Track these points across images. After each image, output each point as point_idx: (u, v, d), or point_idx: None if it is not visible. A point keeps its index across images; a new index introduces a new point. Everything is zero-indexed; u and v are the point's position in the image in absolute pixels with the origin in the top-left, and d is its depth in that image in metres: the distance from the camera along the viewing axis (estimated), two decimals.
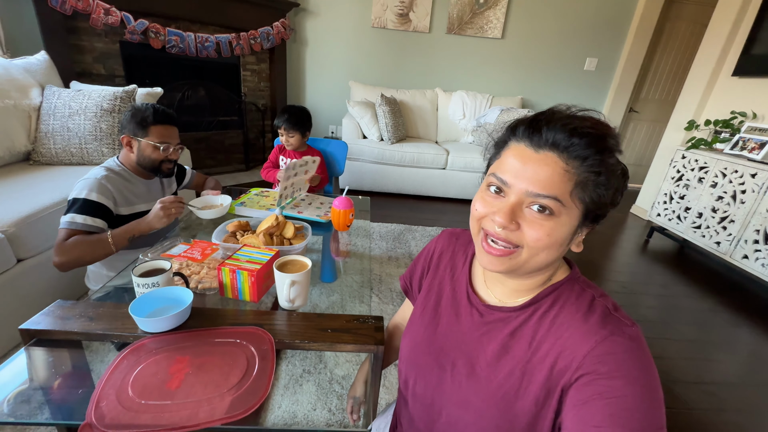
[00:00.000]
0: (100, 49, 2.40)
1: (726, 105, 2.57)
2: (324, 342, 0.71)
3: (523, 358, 0.47)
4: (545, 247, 0.43)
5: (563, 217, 0.42)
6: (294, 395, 1.12)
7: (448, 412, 0.53)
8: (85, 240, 1.01)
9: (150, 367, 0.61)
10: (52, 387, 0.65)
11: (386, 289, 1.75)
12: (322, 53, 3.52)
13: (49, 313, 0.71)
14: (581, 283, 0.49)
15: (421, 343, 0.58)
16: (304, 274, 0.79)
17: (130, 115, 1.14)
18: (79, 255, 0.99)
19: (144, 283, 0.74)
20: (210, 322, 0.72)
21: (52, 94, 1.74)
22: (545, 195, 0.41)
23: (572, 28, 3.49)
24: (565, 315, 0.46)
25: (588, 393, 0.40)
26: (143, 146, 1.15)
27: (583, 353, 0.42)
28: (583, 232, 0.47)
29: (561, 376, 0.43)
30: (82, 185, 1.07)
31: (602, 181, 0.42)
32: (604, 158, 0.41)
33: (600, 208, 0.44)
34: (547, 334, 0.46)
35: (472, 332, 0.53)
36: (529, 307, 0.49)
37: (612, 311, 0.45)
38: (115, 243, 1.03)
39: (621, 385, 0.39)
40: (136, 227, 1.06)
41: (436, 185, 3.15)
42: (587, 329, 0.43)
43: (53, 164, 1.72)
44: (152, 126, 1.14)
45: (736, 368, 1.53)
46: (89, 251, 1.01)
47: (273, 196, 1.45)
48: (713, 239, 2.25)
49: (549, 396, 0.44)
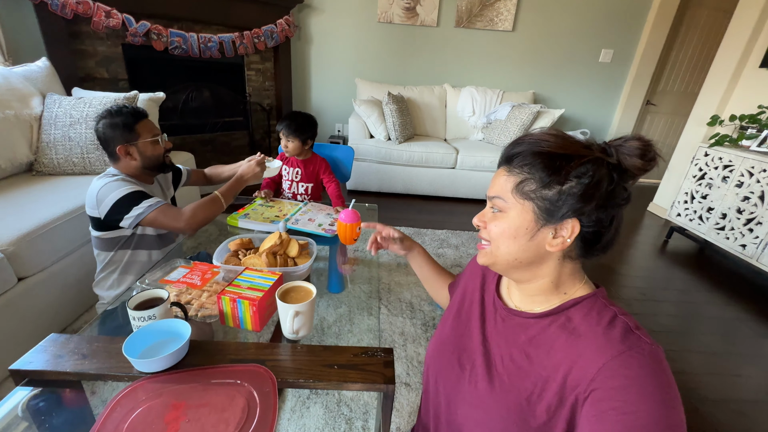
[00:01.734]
0: (103, 52, 2.37)
1: (753, 99, 2.43)
2: (330, 381, 0.66)
3: (539, 365, 0.48)
4: (498, 238, 0.51)
5: (511, 213, 0.50)
6: (301, 419, 1.09)
7: (463, 411, 0.55)
8: (200, 203, 1.13)
9: (144, 414, 0.57)
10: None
11: (395, 300, 1.70)
12: (327, 50, 3.45)
13: (41, 350, 0.68)
14: (604, 299, 0.50)
15: (447, 343, 0.62)
16: (309, 304, 0.74)
17: (110, 125, 1.09)
18: (202, 217, 1.12)
19: (140, 317, 0.70)
20: (209, 359, 0.68)
21: (53, 102, 1.71)
22: (491, 196, 0.53)
23: (587, 18, 3.35)
24: (585, 327, 0.47)
25: (602, 407, 0.41)
26: (142, 147, 1.12)
27: (598, 366, 0.42)
28: (557, 231, 0.48)
29: (575, 387, 0.44)
30: (107, 189, 1.05)
31: (539, 178, 0.47)
32: (535, 160, 0.47)
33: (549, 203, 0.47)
34: (564, 343, 0.48)
35: (494, 336, 0.57)
36: (548, 316, 0.51)
37: (633, 329, 0.45)
38: (226, 200, 1.19)
39: (635, 401, 0.39)
40: (238, 185, 1.24)
41: (446, 185, 3.07)
42: (605, 343, 0.44)
43: (56, 174, 1.70)
44: (137, 125, 1.11)
45: (766, 384, 1.45)
46: (208, 212, 1.14)
47: (278, 206, 1.40)
48: (738, 242, 2.14)
49: (561, 405, 0.45)
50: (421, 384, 1.28)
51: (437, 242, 2.33)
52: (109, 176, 1.10)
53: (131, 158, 1.12)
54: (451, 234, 2.46)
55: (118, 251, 1.16)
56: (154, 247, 1.22)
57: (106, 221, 1.08)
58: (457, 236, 2.44)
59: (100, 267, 1.18)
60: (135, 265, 1.19)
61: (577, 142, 0.49)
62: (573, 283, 0.52)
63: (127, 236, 1.15)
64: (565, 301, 0.51)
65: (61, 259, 1.37)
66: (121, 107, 1.12)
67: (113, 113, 1.10)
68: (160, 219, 1.07)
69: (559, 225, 0.48)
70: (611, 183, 0.46)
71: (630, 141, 0.46)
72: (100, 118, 1.10)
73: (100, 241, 1.15)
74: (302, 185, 1.64)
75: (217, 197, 1.16)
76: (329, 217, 1.33)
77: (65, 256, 1.39)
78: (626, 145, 0.46)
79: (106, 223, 1.09)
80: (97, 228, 1.12)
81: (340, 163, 1.86)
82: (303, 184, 1.64)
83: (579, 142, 0.49)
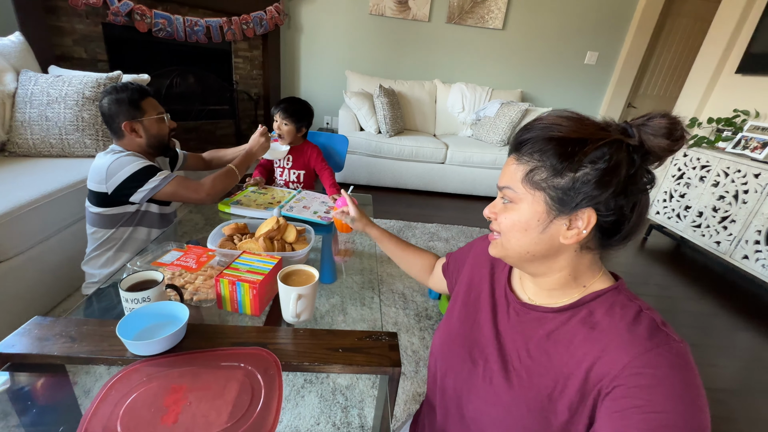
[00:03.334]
0: (81, 31, 2.25)
1: (728, 103, 2.55)
2: (335, 363, 0.65)
3: (560, 361, 0.46)
4: (510, 231, 0.49)
5: (522, 204, 0.48)
6: (296, 408, 1.06)
7: (475, 407, 0.53)
8: (218, 174, 1.17)
9: (142, 397, 0.54)
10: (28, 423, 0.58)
11: (387, 290, 1.69)
12: (317, 41, 3.39)
13: (25, 333, 0.63)
14: (627, 293, 0.48)
15: (456, 336, 0.60)
16: (312, 287, 0.73)
17: (116, 101, 1.07)
18: (221, 187, 1.16)
19: (133, 299, 0.66)
20: (208, 342, 0.65)
21: (28, 79, 1.61)
22: (500, 186, 0.50)
23: (574, 20, 3.42)
24: (608, 322, 0.45)
25: (625, 404, 0.39)
26: (148, 124, 1.12)
27: (624, 363, 0.41)
28: (571, 221, 0.46)
29: (597, 383, 0.42)
30: (119, 164, 1.04)
31: (550, 165, 0.44)
32: (546, 146, 0.45)
33: (562, 192, 0.45)
34: (585, 339, 0.45)
35: (508, 330, 0.54)
36: (567, 311, 0.49)
37: (660, 326, 0.43)
38: (240, 172, 1.23)
39: (662, 401, 0.37)
40: (249, 159, 1.29)
41: (435, 180, 3.09)
42: (631, 339, 0.42)
43: (31, 156, 1.60)
44: (142, 101, 1.11)
45: (741, 374, 1.52)
46: (226, 182, 1.18)
47: (271, 193, 1.37)
48: (713, 239, 2.24)
49: (583, 401, 0.43)
50: (416, 372, 1.28)
51: (428, 236, 2.34)
52: (116, 152, 1.08)
53: (136, 135, 1.11)
54: (441, 228, 2.47)
55: (119, 228, 1.14)
56: (154, 226, 1.21)
57: (113, 196, 1.06)
58: (447, 230, 2.45)
59: (96, 245, 1.15)
60: (132, 242, 1.18)
61: (593, 123, 0.45)
62: (592, 274, 0.50)
63: (130, 213, 1.14)
64: (585, 295, 0.48)
65: (39, 242, 1.30)
66: (126, 84, 1.11)
67: (119, 89, 1.08)
68: (180, 191, 1.09)
69: (574, 215, 0.45)
70: (632, 166, 0.43)
71: (655, 119, 0.42)
72: (106, 93, 1.09)
73: (99, 218, 1.11)
74: (294, 172, 1.61)
75: (232, 169, 1.20)
76: (324, 205, 1.31)
77: (45, 239, 1.32)
78: (650, 123, 0.42)
79: (111, 199, 1.07)
80: (99, 204, 1.09)
81: (333, 151, 1.84)
82: (295, 171, 1.60)
83: (595, 124, 0.45)
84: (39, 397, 0.64)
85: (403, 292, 1.70)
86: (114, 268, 1.15)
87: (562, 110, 0.48)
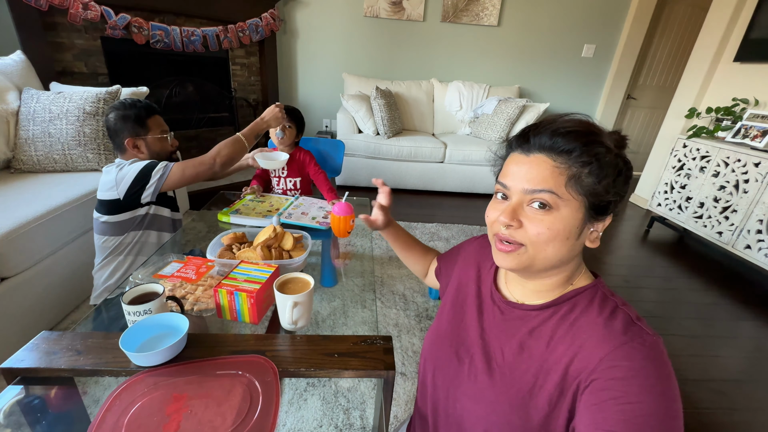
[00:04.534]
0: (81, 46, 2.29)
1: (727, 92, 2.53)
2: (331, 368, 0.67)
3: (540, 357, 0.48)
4: (548, 241, 0.46)
5: (562, 210, 0.45)
6: (299, 411, 1.09)
7: (462, 404, 0.54)
8: (225, 142, 1.14)
9: (146, 406, 0.57)
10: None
11: (388, 292, 1.71)
12: (313, 45, 3.41)
13: (33, 348, 0.66)
14: (605, 290, 0.50)
15: (444, 336, 0.61)
16: (307, 295, 0.75)
17: (122, 117, 1.10)
18: (227, 153, 1.14)
19: (135, 311, 0.69)
20: (208, 351, 0.68)
21: (30, 97, 1.65)
22: (540, 189, 0.45)
23: (570, 13, 3.40)
24: (586, 319, 0.47)
25: (602, 397, 0.40)
26: (151, 142, 1.14)
27: (600, 356, 0.42)
28: (597, 226, 0.48)
29: (575, 377, 0.44)
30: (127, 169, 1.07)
31: (594, 170, 0.44)
32: (591, 149, 0.44)
33: (600, 197, 0.45)
34: (565, 335, 0.47)
35: (492, 328, 0.55)
36: (549, 308, 0.50)
37: (635, 320, 0.45)
38: (248, 140, 1.19)
39: (637, 391, 0.39)
40: (258, 127, 1.23)
41: (434, 179, 3.10)
42: (606, 334, 0.44)
43: (36, 172, 1.64)
44: (148, 119, 1.13)
45: (743, 364, 1.52)
46: (233, 150, 1.15)
47: (269, 201, 1.39)
48: (715, 229, 2.23)
49: (562, 396, 0.45)
50: (416, 374, 1.30)
51: (428, 235, 2.35)
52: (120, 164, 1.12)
53: (138, 151, 1.14)
54: (441, 227, 2.49)
55: (130, 233, 1.16)
56: (164, 229, 1.23)
57: (125, 200, 1.09)
58: (447, 229, 2.46)
59: (106, 253, 1.17)
60: (142, 246, 1.20)
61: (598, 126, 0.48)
62: (578, 273, 0.52)
63: (140, 216, 1.16)
64: (567, 292, 0.50)
65: (47, 257, 1.33)
66: (135, 101, 1.14)
67: (127, 106, 1.12)
68: (187, 171, 1.09)
69: (604, 218, 0.48)
70: None
71: None
72: (113, 109, 1.12)
73: (109, 226, 1.14)
74: (290, 180, 1.63)
75: (238, 137, 1.17)
76: (322, 210, 1.33)
77: (52, 253, 1.35)
78: None
79: (123, 204, 1.10)
80: (111, 212, 1.12)
81: (329, 156, 1.86)
82: (291, 179, 1.62)
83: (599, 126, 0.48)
84: (50, 408, 0.66)
85: (403, 293, 1.72)
86: (123, 273, 1.17)
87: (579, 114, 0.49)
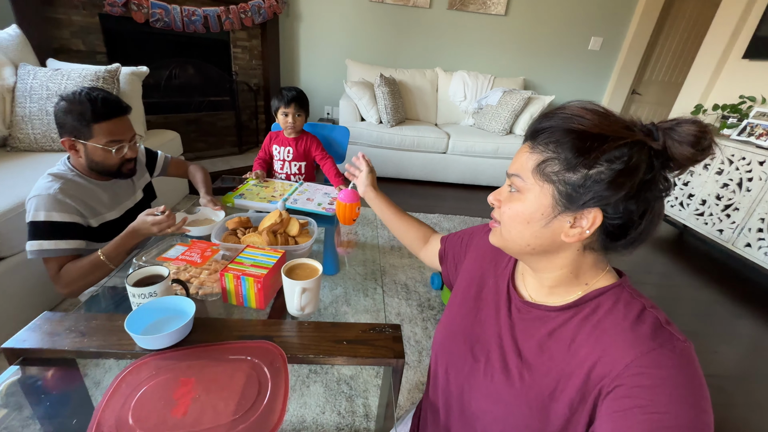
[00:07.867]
0: (79, 22, 2.22)
1: (734, 89, 2.51)
2: (340, 356, 0.66)
3: (561, 360, 0.46)
4: (510, 221, 0.48)
5: (528, 195, 0.46)
6: (301, 398, 1.09)
7: (477, 404, 0.53)
8: (81, 268, 0.91)
9: (152, 391, 0.56)
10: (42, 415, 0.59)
11: (390, 281, 1.70)
12: (317, 29, 3.33)
13: (35, 329, 0.65)
14: (630, 291, 0.47)
15: (458, 332, 0.59)
16: (316, 281, 0.73)
17: (65, 111, 0.90)
18: (83, 284, 0.92)
19: (140, 294, 0.67)
20: (215, 336, 0.66)
21: (27, 73, 1.60)
22: (512, 174, 0.48)
23: (579, 4, 3.34)
24: (610, 321, 0.44)
25: (627, 404, 0.38)
26: (90, 150, 0.94)
27: (626, 362, 0.40)
28: (575, 219, 0.44)
29: (598, 382, 0.42)
30: (35, 204, 0.90)
31: (564, 158, 0.42)
32: (564, 137, 0.42)
33: (572, 188, 0.42)
34: (588, 337, 0.45)
35: (509, 328, 0.53)
36: (570, 309, 0.48)
37: (664, 324, 0.42)
38: (113, 262, 0.92)
39: (665, 401, 0.37)
40: (129, 241, 0.92)
41: (437, 170, 3.07)
42: (634, 338, 0.41)
43: (33, 151, 1.61)
44: (95, 124, 0.91)
45: (741, 361, 1.54)
46: (91, 278, 0.92)
47: (273, 186, 1.37)
48: (716, 227, 2.23)
49: (583, 401, 0.43)
50: (419, 362, 1.30)
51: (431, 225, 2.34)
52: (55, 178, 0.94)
53: (77, 155, 0.95)
54: (443, 218, 2.47)
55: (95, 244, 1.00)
56: None
57: None
58: (449, 220, 2.45)
59: None
60: None
61: (618, 120, 0.42)
62: (595, 272, 0.48)
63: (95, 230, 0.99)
64: (588, 293, 0.47)
65: None
66: (92, 95, 0.91)
67: (76, 99, 0.90)
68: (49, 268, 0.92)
69: (579, 213, 0.43)
70: (650, 171, 0.40)
71: (684, 124, 0.39)
72: (62, 98, 0.91)
73: None
74: (295, 164, 1.60)
75: (101, 262, 0.91)
76: (327, 196, 1.31)
77: None
78: (678, 129, 0.40)
79: None
80: None
81: (335, 143, 1.83)
82: (296, 163, 1.60)
83: (620, 121, 0.42)
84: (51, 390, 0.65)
85: (405, 283, 1.71)
86: None
87: (587, 102, 0.44)
